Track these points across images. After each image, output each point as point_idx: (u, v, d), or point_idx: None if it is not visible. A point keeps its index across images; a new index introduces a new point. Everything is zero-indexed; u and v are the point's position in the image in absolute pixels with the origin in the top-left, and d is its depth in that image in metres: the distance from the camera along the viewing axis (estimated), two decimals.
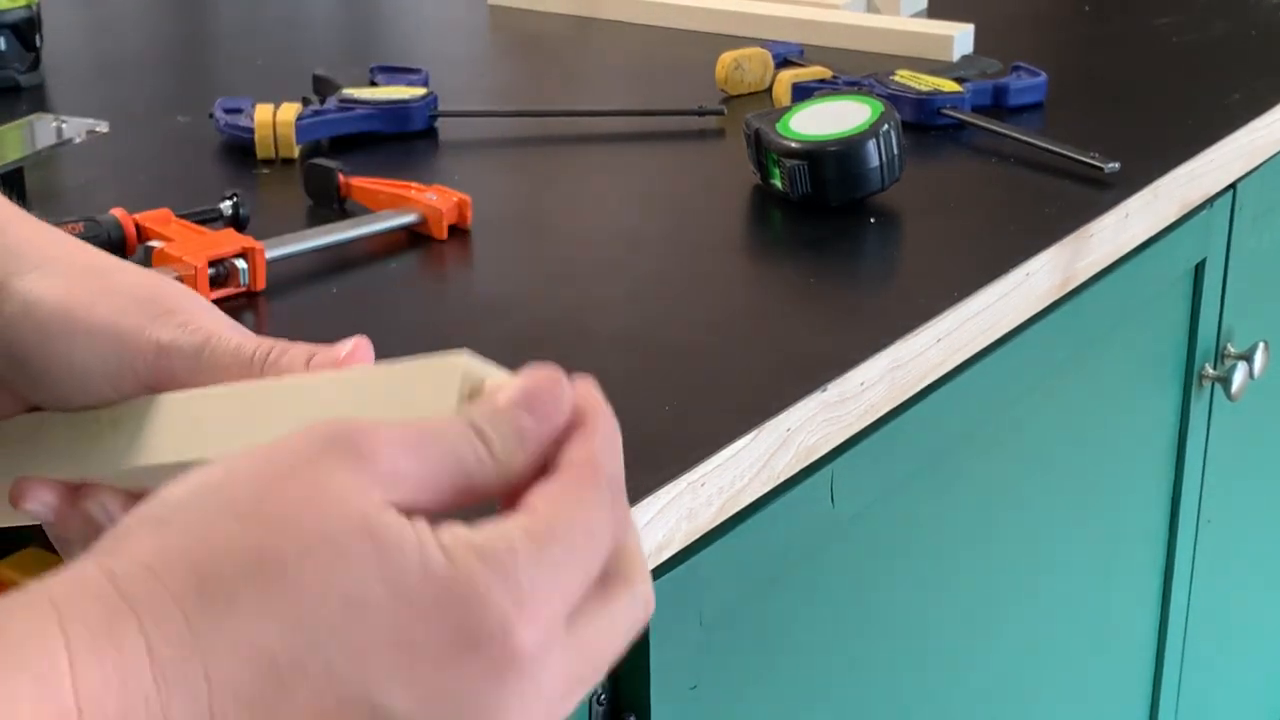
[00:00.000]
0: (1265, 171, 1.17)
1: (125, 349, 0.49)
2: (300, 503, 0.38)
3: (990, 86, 1.13)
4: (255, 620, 0.36)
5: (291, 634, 0.36)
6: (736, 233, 0.96)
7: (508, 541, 0.38)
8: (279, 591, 0.36)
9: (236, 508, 0.38)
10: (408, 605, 0.37)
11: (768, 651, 0.79)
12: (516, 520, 0.39)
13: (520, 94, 1.26)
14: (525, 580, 0.38)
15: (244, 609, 0.36)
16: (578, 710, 0.67)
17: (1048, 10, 1.52)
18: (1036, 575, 1.05)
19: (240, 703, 0.36)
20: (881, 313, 0.82)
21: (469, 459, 0.41)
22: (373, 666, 0.37)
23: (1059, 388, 1.01)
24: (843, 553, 0.82)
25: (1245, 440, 1.28)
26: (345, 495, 0.38)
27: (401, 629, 0.37)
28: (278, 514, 0.37)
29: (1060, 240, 0.90)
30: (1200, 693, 1.32)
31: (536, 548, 0.39)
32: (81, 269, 0.51)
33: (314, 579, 0.37)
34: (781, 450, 0.71)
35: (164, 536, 0.37)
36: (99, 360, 0.49)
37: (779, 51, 1.24)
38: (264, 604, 0.36)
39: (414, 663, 0.37)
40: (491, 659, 0.37)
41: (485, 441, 0.41)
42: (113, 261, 0.52)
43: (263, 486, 0.38)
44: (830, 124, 0.95)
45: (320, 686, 0.36)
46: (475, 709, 0.37)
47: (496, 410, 0.42)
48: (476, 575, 0.37)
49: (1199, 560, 1.24)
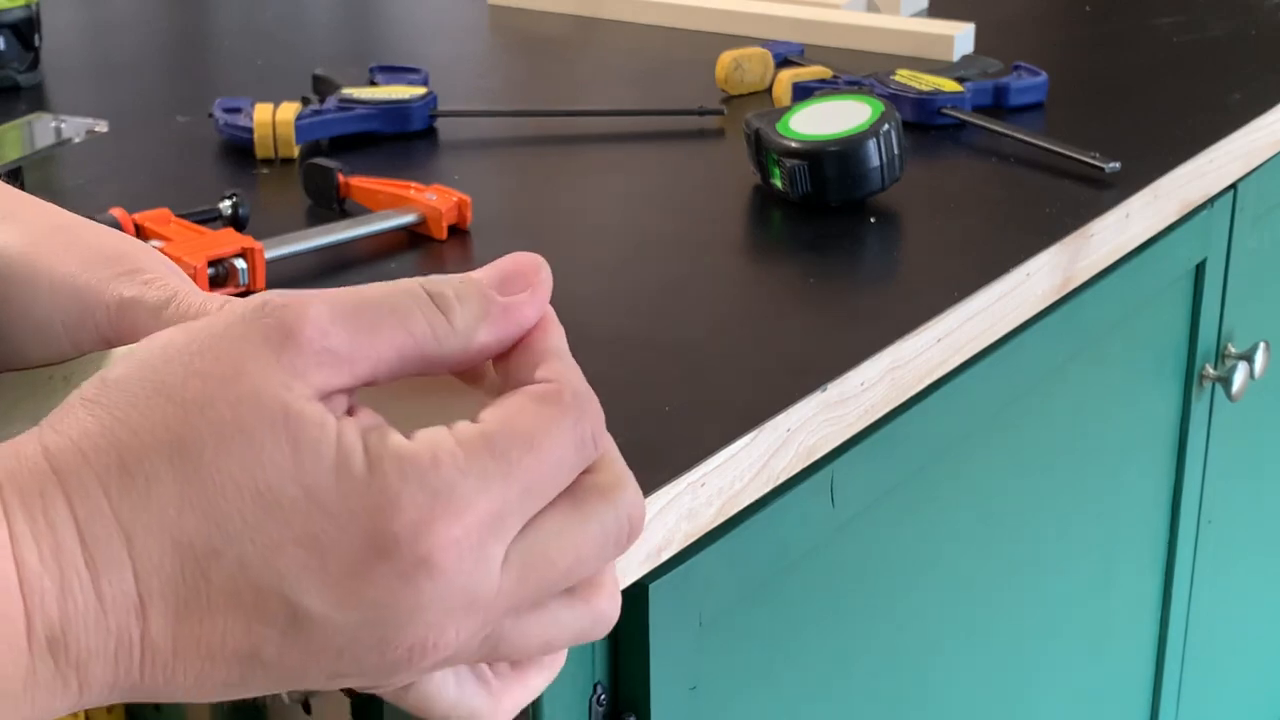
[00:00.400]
0: (1266, 171, 1.17)
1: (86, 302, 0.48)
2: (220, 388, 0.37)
3: (991, 86, 1.13)
4: (172, 505, 0.36)
5: (205, 522, 0.36)
6: (736, 233, 0.96)
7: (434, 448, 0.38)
8: (195, 479, 0.36)
9: (164, 389, 0.37)
10: (319, 506, 0.37)
11: (767, 651, 0.79)
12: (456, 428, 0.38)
13: (520, 94, 1.26)
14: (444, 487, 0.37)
15: (163, 492, 0.36)
16: (578, 709, 0.67)
17: (1048, 10, 1.52)
18: (1037, 575, 1.05)
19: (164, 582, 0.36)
20: (881, 313, 0.82)
21: (419, 329, 0.39)
22: (284, 563, 0.36)
23: (1059, 388, 1.00)
24: (843, 553, 0.82)
25: (1246, 441, 1.28)
26: (264, 384, 0.37)
27: (312, 528, 0.36)
28: (198, 398, 0.37)
29: (1060, 240, 0.90)
30: (1201, 693, 1.32)
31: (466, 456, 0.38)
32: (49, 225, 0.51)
33: (227, 470, 0.36)
34: (781, 450, 0.71)
35: (96, 414, 0.37)
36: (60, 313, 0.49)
37: (779, 51, 1.24)
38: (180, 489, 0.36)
39: (325, 564, 0.37)
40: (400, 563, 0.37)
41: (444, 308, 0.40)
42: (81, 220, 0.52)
43: (189, 367, 0.38)
44: (830, 124, 0.95)
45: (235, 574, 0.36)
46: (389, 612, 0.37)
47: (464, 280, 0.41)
48: (390, 479, 0.37)
49: (1199, 561, 1.24)
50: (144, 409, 0.37)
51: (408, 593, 0.37)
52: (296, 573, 0.37)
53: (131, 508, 0.36)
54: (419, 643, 0.38)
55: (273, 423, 0.37)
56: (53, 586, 0.36)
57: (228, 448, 0.37)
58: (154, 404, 0.37)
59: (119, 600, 0.36)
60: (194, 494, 0.36)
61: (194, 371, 0.38)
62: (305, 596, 0.37)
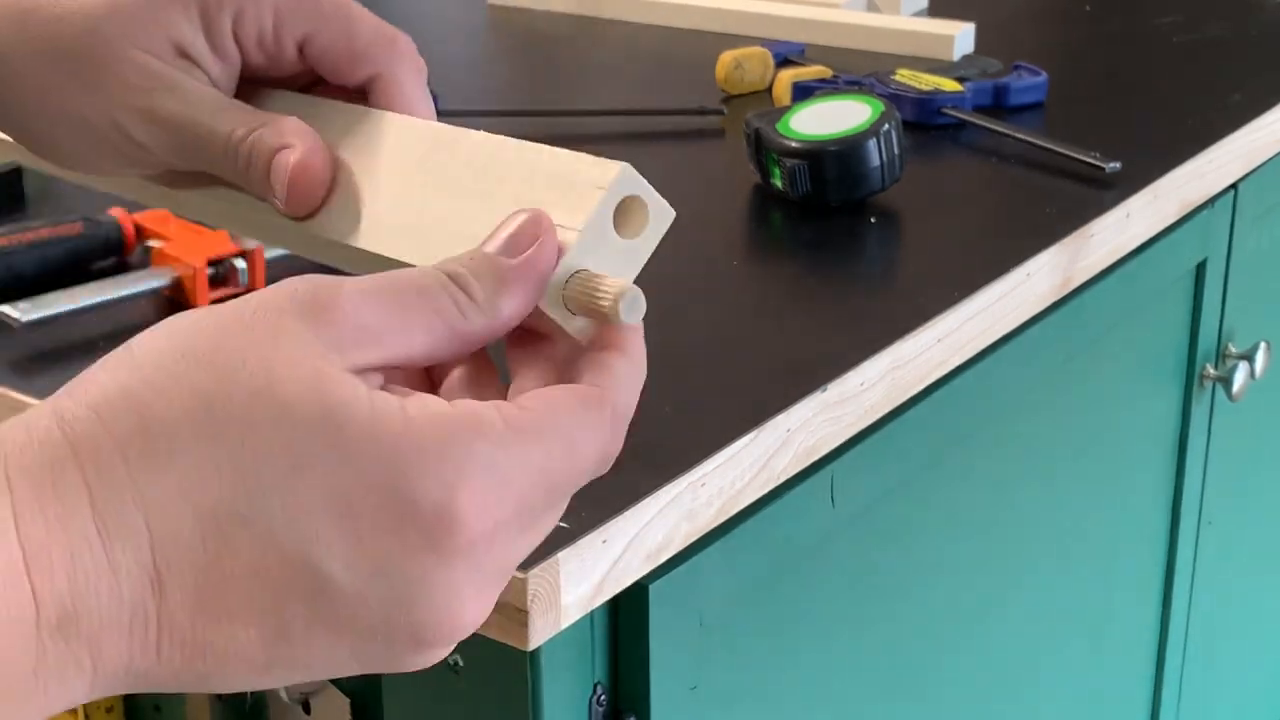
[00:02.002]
0: (1266, 171, 1.17)
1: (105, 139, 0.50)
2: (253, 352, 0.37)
3: (991, 86, 1.13)
4: (197, 471, 0.35)
5: (232, 488, 0.36)
6: (736, 233, 0.96)
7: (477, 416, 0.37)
8: (222, 442, 0.36)
9: (192, 353, 0.37)
10: (350, 470, 0.36)
11: (767, 651, 0.78)
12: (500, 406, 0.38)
13: (520, 94, 1.26)
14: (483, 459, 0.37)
15: (186, 458, 0.36)
16: (577, 709, 0.67)
17: (1049, 9, 1.52)
18: (1037, 575, 1.04)
19: (182, 553, 0.35)
20: (881, 313, 0.82)
21: (447, 308, 0.40)
22: (312, 528, 0.36)
23: (1059, 388, 1.00)
24: (843, 553, 0.82)
25: (1246, 441, 1.28)
26: (299, 352, 0.37)
27: (342, 493, 0.36)
28: (230, 362, 0.36)
29: (1061, 240, 0.90)
30: (1201, 693, 1.32)
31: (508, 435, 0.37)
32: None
33: (259, 433, 0.36)
34: (781, 450, 0.71)
35: (117, 377, 0.37)
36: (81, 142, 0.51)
37: (779, 51, 1.24)
38: (207, 454, 0.36)
39: (353, 528, 0.36)
40: (431, 534, 0.36)
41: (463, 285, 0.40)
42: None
43: (221, 334, 0.37)
44: (831, 123, 0.95)
45: (261, 543, 0.36)
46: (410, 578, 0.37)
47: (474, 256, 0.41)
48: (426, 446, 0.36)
49: (1200, 561, 1.24)
50: (171, 371, 0.36)
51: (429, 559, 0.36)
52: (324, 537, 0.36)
53: (150, 473, 0.35)
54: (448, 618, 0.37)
55: (307, 385, 0.36)
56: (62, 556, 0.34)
57: (262, 412, 0.36)
58: (181, 367, 0.36)
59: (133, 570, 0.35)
60: (222, 458, 0.36)
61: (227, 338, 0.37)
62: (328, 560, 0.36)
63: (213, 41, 0.51)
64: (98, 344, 0.78)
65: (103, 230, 0.85)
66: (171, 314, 0.39)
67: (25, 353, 0.77)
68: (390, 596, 0.36)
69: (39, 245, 0.83)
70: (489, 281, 0.41)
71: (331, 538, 0.36)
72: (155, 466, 0.35)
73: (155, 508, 0.35)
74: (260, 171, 0.49)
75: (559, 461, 0.39)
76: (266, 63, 0.52)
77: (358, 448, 0.36)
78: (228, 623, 0.36)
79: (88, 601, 0.34)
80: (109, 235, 0.85)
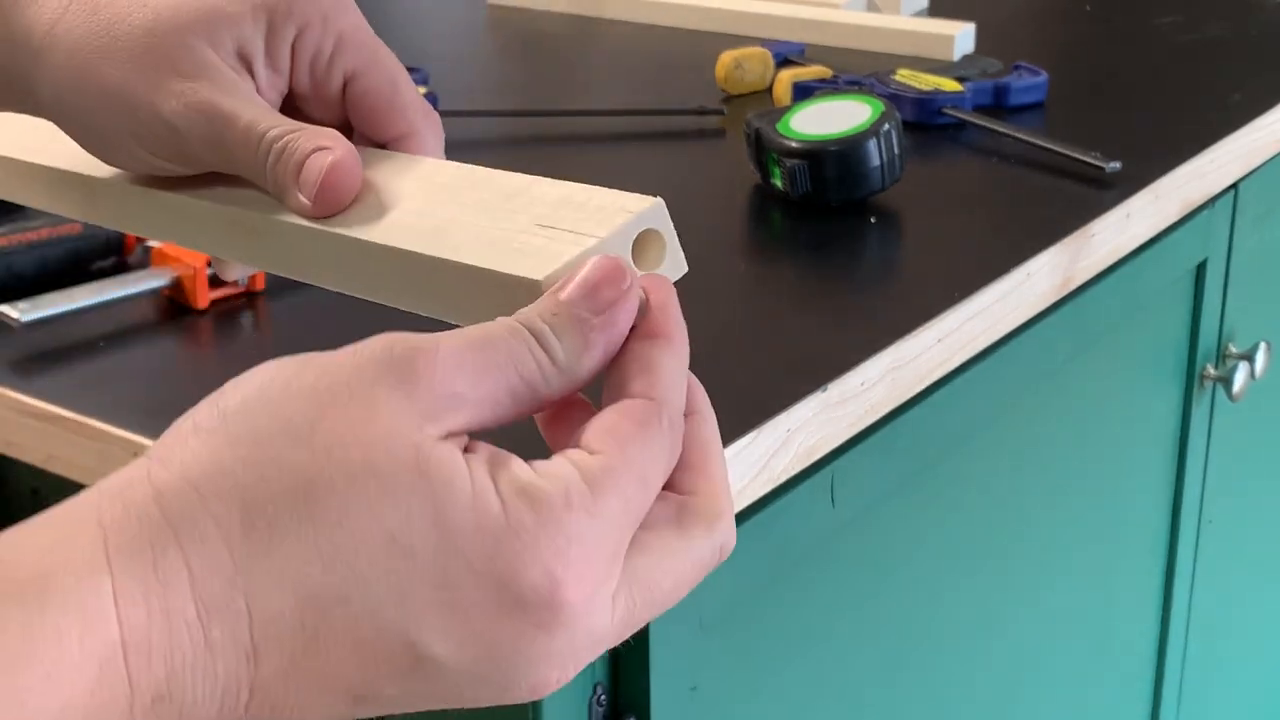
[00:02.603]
0: (1266, 171, 1.17)
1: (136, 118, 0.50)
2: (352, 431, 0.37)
3: (991, 86, 1.13)
4: (298, 552, 0.36)
5: (334, 569, 0.36)
6: (736, 233, 0.96)
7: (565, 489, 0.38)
8: (324, 526, 0.36)
9: (291, 428, 0.37)
10: (455, 553, 0.36)
11: (767, 652, 0.78)
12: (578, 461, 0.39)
13: (520, 94, 1.26)
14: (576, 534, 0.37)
15: (288, 539, 0.36)
16: (577, 709, 0.67)
17: (1049, 9, 1.52)
18: (1037, 576, 1.04)
19: (282, 632, 0.36)
20: (881, 313, 0.82)
21: (529, 368, 0.40)
22: (415, 608, 0.36)
23: (1059, 388, 1.00)
24: (843, 553, 0.82)
25: (1247, 441, 1.28)
26: (398, 427, 0.37)
27: (447, 576, 0.36)
28: (329, 442, 0.36)
29: (1061, 240, 0.90)
30: (1202, 693, 1.32)
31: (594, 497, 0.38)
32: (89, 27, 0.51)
33: (361, 514, 0.36)
34: (781, 450, 0.71)
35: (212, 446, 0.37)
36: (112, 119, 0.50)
37: (779, 51, 1.24)
38: (308, 536, 0.36)
39: (456, 610, 0.36)
40: (536, 615, 0.37)
41: (546, 347, 0.40)
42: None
43: (318, 407, 0.37)
44: (831, 123, 0.95)
45: (362, 623, 0.36)
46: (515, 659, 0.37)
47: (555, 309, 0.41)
48: (525, 523, 0.37)
49: (1200, 561, 1.24)
50: (268, 448, 0.36)
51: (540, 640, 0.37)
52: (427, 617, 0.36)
53: (250, 557, 0.36)
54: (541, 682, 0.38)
55: (407, 465, 0.37)
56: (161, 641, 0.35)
57: (361, 492, 0.36)
58: (280, 445, 0.37)
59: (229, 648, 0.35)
60: (324, 542, 0.36)
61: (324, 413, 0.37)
62: (434, 643, 0.36)
63: (271, 48, 0.52)
64: (97, 344, 0.78)
65: (102, 230, 0.85)
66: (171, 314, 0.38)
67: (25, 353, 0.77)
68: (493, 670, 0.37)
69: (39, 245, 0.83)
70: (572, 341, 0.41)
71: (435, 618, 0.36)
72: (255, 550, 0.36)
73: (256, 591, 0.36)
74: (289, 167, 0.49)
75: (635, 500, 0.39)
76: (311, 89, 0.53)
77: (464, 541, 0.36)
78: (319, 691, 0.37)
79: (182, 681, 0.35)
80: (109, 235, 0.85)
